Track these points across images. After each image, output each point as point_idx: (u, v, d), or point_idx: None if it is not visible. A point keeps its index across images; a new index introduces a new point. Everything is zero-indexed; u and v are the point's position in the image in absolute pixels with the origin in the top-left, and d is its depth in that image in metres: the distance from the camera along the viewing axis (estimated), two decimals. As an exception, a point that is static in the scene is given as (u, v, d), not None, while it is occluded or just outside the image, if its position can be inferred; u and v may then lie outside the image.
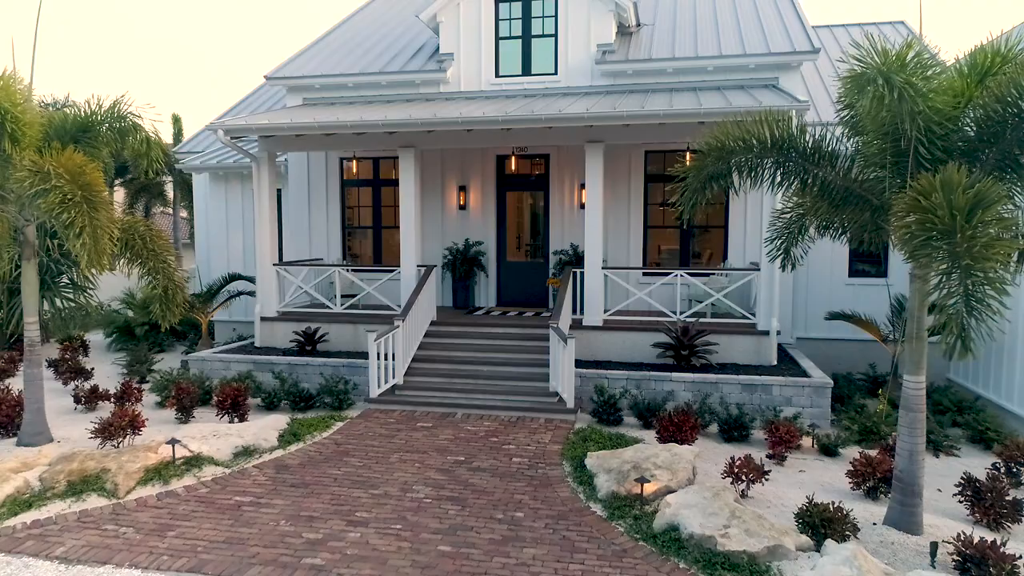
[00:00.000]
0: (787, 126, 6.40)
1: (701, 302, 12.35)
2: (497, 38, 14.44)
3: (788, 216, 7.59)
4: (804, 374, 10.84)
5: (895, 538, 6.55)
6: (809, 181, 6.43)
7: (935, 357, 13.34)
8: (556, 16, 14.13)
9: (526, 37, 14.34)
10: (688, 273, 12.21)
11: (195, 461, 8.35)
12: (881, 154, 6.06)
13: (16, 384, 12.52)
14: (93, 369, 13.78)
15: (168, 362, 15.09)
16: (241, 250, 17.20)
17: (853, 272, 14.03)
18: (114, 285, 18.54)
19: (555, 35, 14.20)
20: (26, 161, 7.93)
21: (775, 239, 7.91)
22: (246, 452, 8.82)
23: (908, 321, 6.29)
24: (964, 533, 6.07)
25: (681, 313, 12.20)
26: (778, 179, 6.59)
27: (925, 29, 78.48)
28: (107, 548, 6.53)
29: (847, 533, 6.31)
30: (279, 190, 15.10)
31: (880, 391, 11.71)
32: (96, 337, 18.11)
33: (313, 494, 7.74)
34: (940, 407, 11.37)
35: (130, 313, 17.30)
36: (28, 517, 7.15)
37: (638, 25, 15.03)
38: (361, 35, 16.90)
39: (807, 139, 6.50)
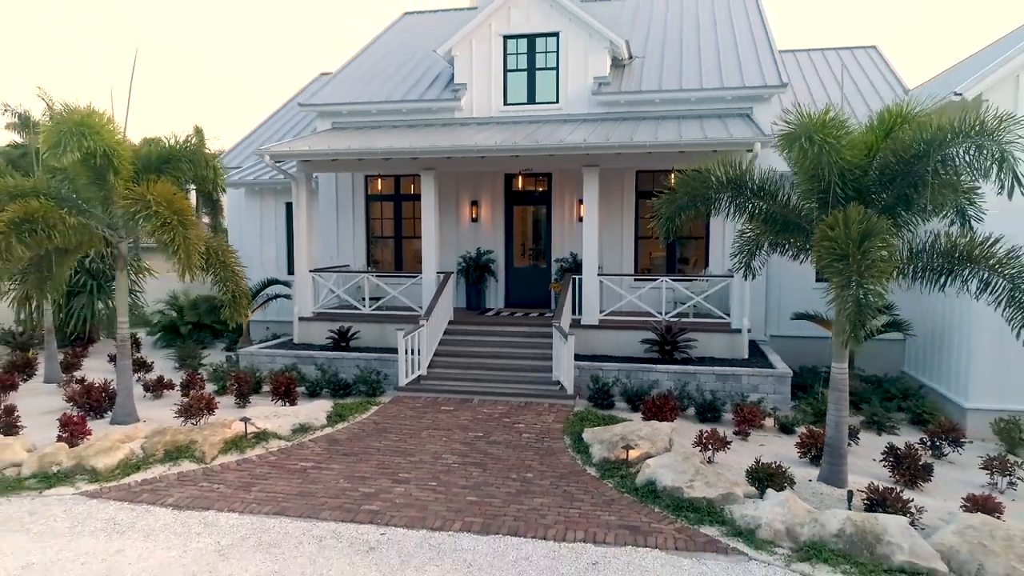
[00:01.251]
0: (738, 169, 8.11)
1: (684, 304, 14.06)
2: (505, 70, 16.17)
3: (747, 236, 9.31)
4: (770, 366, 12.57)
5: (824, 490, 8.27)
6: (756, 212, 8.15)
7: (894, 352, 15.16)
8: (557, 52, 15.86)
9: (531, 70, 16.07)
10: (672, 279, 13.94)
11: (262, 435, 10.09)
12: (810, 192, 7.77)
13: (84, 374, 14.28)
14: (153, 363, 15.50)
15: (212, 357, 16.81)
16: (274, 257, 18.93)
17: (820, 278, 15.72)
18: (156, 288, 20.27)
19: (556, 68, 15.93)
20: (126, 190, 9.66)
21: (738, 254, 9.63)
22: (302, 429, 10.55)
23: (835, 323, 7.99)
24: (873, 483, 7.80)
25: (666, 314, 13.92)
26: (732, 210, 8.30)
27: (906, 48, 80.00)
28: (206, 499, 8.26)
29: (785, 485, 8.03)
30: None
31: (837, 381, 13.40)
32: (139, 334, 19.83)
33: (362, 461, 9.47)
34: (889, 394, 13.07)
35: (174, 314, 19.04)
36: (138, 477, 8.89)
37: (631, 57, 16.73)
38: (381, 64, 18.63)
39: (755, 178, 8.22)
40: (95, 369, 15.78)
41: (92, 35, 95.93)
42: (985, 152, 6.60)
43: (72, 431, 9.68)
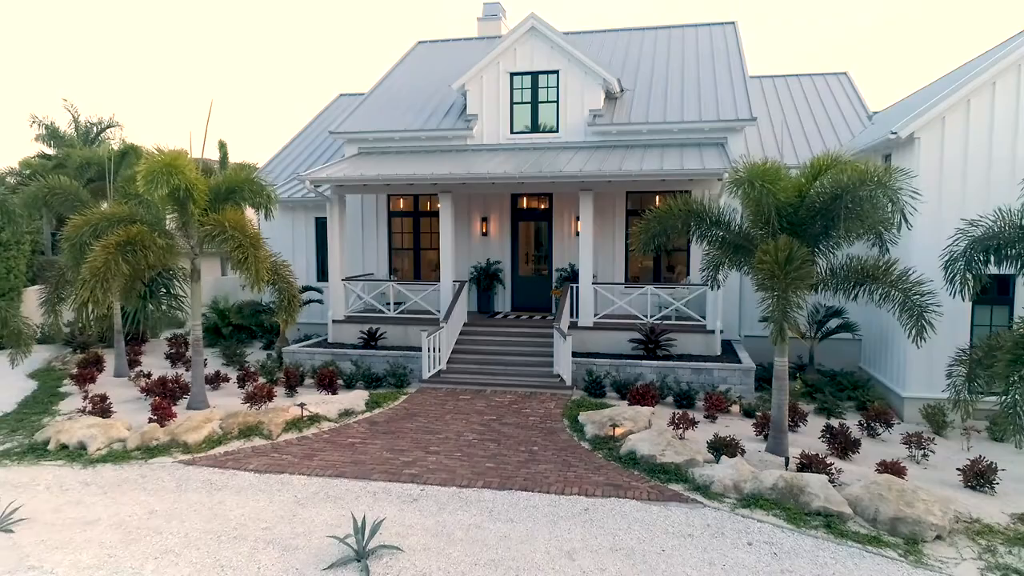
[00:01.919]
0: (700, 205, 10.14)
1: (666, 308, 16.07)
2: (512, 103, 18.21)
3: (711, 256, 11.33)
4: (738, 361, 14.58)
5: (768, 458, 10.28)
6: (714, 238, 10.17)
7: (852, 350, 17.15)
8: (557, 87, 17.89)
9: (534, 103, 18.10)
10: (656, 287, 15.96)
11: (315, 418, 12.12)
12: (756, 222, 9.78)
13: (143, 369, 16.33)
14: (206, 360, 17.52)
15: (253, 355, 18.83)
16: (304, 267, 20.93)
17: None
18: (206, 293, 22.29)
19: (556, 101, 17.96)
20: (203, 216, 11.69)
21: (706, 268, 11.66)
22: (346, 413, 12.58)
23: (774, 325, 10.00)
24: (806, 451, 9.82)
25: (651, 317, 15.93)
26: (697, 236, 10.32)
27: (881, 72, 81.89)
28: (279, 465, 10.29)
29: (736, 453, 10.05)
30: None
31: (798, 374, 15.44)
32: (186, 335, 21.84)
33: (398, 437, 11.50)
34: (842, 385, 15.08)
35: (215, 317, 21.05)
36: (221, 449, 10.93)
37: (622, 91, 18.76)
38: (400, 94, 20.65)
39: (713, 211, 10.24)
40: (152, 365, 17.80)
41: (98, 40, 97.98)
42: (882, 196, 8.61)
43: (161, 414, 11.71)
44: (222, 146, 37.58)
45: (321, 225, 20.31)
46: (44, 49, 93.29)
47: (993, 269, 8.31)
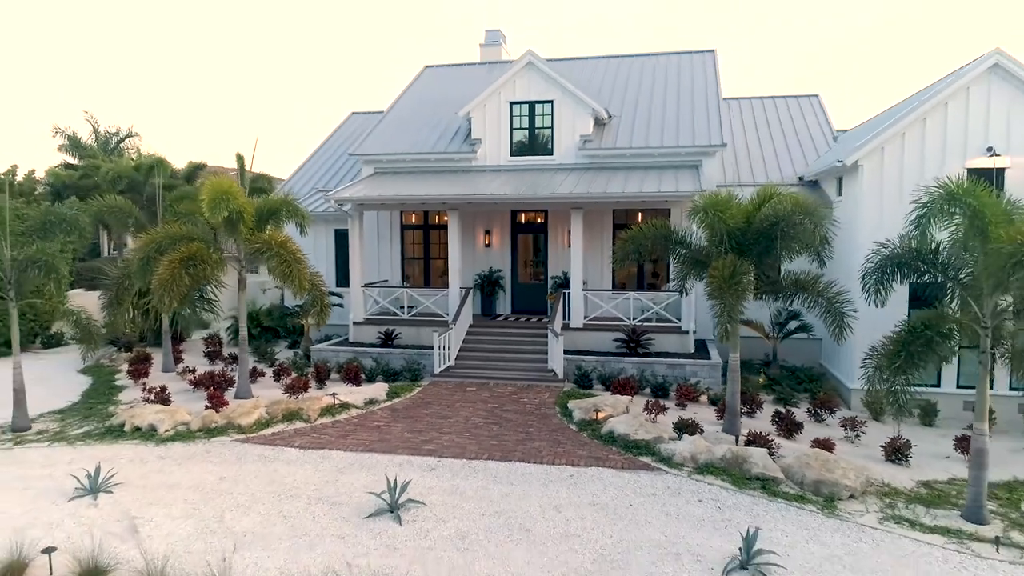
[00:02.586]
0: (665, 229, 12.14)
1: (647, 311, 18.06)
2: (511, 128, 20.20)
3: (677, 269, 13.32)
4: (709, 358, 16.57)
5: (723, 436, 12.27)
6: (678, 255, 12.17)
7: (814, 349, 19.12)
8: (552, 115, 19.88)
9: (531, 128, 20.10)
10: (638, 293, 17.95)
11: (344, 406, 14.11)
12: (711, 242, 11.77)
13: (187, 365, 18.32)
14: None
15: (280, 354, 20.80)
16: (325, 273, 22.82)
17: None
18: (228, 299, 24.28)
19: (551, 127, 19.95)
20: (251, 235, 13.68)
21: (676, 279, 13.66)
22: (371, 402, 14.57)
23: (720, 327, 11.94)
24: (753, 431, 11.81)
25: (634, 319, 17.92)
26: (662, 254, 12.32)
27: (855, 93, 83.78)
28: (319, 443, 12.28)
29: (696, 432, 12.03)
30: (348, 230, 20.87)
31: (762, 370, 17.43)
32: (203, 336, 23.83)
33: (416, 421, 13.49)
34: (799, 379, 17.04)
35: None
36: (269, 431, 12.92)
37: (609, 117, 20.75)
38: (411, 118, 22.64)
39: (677, 232, 12.24)
40: (192, 362, 19.75)
41: (112, 51, 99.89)
42: (808, 223, 10.60)
43: (216, 402, 13.70)
44: (239, 159, 39.54)
45: (339, 236, 22.26)
46: (62, 60, 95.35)
47: (897, 285, 10.25)
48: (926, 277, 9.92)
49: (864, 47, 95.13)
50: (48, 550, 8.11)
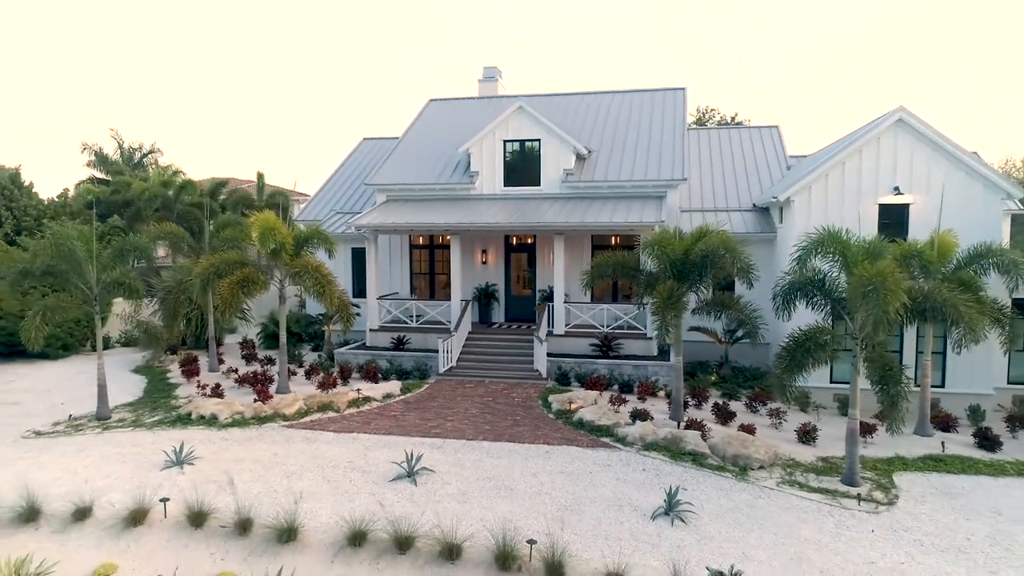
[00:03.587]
0: (625, 257, 15.03)
1: (618, 320, 20.95)
2: (505, 163, 23.11)
3: (636, 289, 16.21)
4: (668, 360, 19.45)
5: (669, 423, 15.15)
6: (635, 279, 15.08)
7: (766, 352, 21.96)
8: (539, 151, 22.79)
9: (522, 163, 23.00)
10: (611, 305, 20.86)
11: (367, 399, 17.00)
12: (660, 269, 14.67)
13: (229, 366, 21.18)
14: (272, 358, 22.44)
15: (305, 356, 23.68)
16: (344, 286, 25.74)
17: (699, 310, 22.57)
18: (257, 307, 27.15)
19: (539, 162, 22.85)
20: (291, 260, 16.57)
21: (638, 296, 16.54)
22: (388, 396, 17.46)
23: (659, 335, 14.79)
24: (691, 418, 14.72)
25: (607, 326, 20.81)
26: (623, 278, 15.22)
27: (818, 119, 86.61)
28: (349, 429, 15.17)
29: (647, 419, 14.92)
30: (363, 248, 23.77)
31: (715, 370, 20.33)
32: (233, 340, 26.73)
33: (425, 411, 16.38)
34: (746, 377, 19.93)
35: (273, 326, 25.87)
36: (307, 419, 15.80)
37: (589, 152, 23.66)
38: (418, 152, 25.53)
39: (635, 259, 15.14)
40: (230, 363, 22.63)
41: (131, 68, 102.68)
42: (728, 256, 13.51)
43: (262, 396, 16.58)
44: (260, 177, 42.34)
45: (356, 253, 25.12)
46: (83, 76, 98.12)
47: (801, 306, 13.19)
48: (816, 299, 12.82)
49: (863, 47, 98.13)
50: (164, 500, 11.01)
